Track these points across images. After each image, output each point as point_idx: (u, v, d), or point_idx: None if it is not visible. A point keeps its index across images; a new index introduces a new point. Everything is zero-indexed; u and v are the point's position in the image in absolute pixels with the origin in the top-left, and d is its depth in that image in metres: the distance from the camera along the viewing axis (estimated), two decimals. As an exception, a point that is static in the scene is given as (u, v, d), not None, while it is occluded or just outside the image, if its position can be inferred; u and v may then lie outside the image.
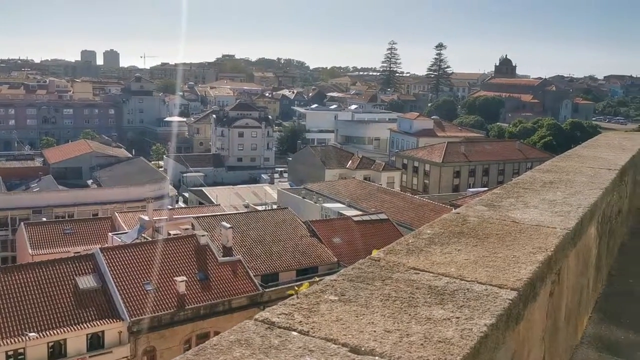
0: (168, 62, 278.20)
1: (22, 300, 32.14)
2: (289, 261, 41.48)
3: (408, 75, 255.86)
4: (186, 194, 79.36)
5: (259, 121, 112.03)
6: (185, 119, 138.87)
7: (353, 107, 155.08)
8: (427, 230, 3.52)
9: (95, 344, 32.70)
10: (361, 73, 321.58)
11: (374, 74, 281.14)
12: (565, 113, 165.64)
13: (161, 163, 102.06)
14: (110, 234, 47.04)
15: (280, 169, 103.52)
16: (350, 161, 79.58)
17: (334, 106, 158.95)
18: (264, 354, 1.98)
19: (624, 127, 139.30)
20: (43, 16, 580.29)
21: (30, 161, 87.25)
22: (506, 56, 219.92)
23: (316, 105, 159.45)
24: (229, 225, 40.30)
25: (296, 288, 2.51)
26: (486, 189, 58.49)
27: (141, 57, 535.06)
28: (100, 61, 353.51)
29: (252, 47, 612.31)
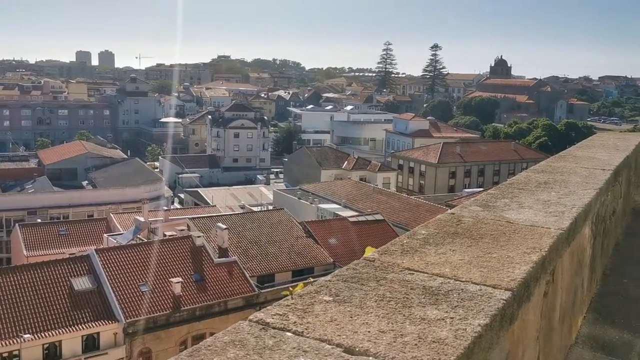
0: (163, 62, 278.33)
1: (17, 302, 32.03)
2: (284, 262, 41.47)
3: (403, 76, 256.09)
4: (182, 195, 79.24)
5: (254, 122, 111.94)
6: (180, 120, 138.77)
7: (349, 107, 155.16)
8: (422, 230, 3.53)
9: (91, 345, 32.64)
10: (357, 74, 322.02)
11: (370, 74, 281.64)
12: (560, 114, 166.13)
13: (157, 164, 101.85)
14: (105, 235, 46.94)
15: (276, 170, 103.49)
16: (346, 162, 79.60)
17: (329, 107, 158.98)
18: (258, 354, 1.98)
19: (619, 127, 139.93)
20: (38, 17, 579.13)
21: (25, 162, 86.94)
22: (501, 57, 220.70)
23: (312, 106, 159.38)
24: (225, 226, 40.27)
25: (290, 289, 2.50)
26: (482, 189, 58.55)
27: (136, 57, 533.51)
28: (95, 62, 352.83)
29: (248, 47, 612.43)
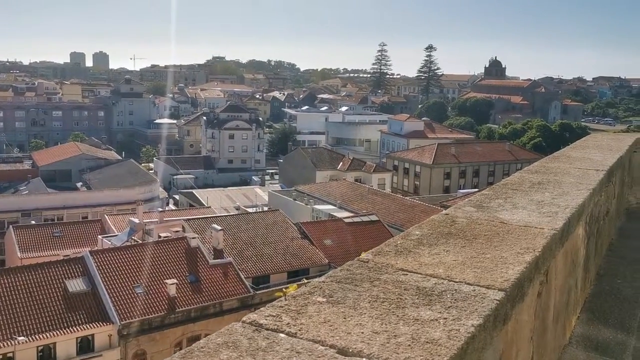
0: (158, 64, 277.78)
1: (11, 304, 31.88)
2: (280, 263, 41.43)
3: (398, 76, 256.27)
4: (177, 196, 79.07)
5: (249, 123, 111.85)
6: (175, 121, 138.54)
7: (344, 108, 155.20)
8: (416, 231, 3.53)
9: (85, 347, 32.51)
10: (352, 75, 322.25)
11: (365, 75, 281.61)
12: (555, 114, 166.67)
13: (151, 165, 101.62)
14: (100, 236, 46.77)
15: (271, 171, 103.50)
16: (341, 163, 79.59)
17: (324, 108, 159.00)
18: (251, 356, 1.97)
19: (613, 128, 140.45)
20: (32, 18, 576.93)
21: (19, 164, 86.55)
22: (496, 58, 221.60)
23: (307, 107, 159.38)
24: (220, 228, 40.18)
25: (284, 290, 2.50)
26: (477, 190, 58.60)
27: (131, 59, 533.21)
28: (89, 63, 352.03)
29: (243, 49, 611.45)
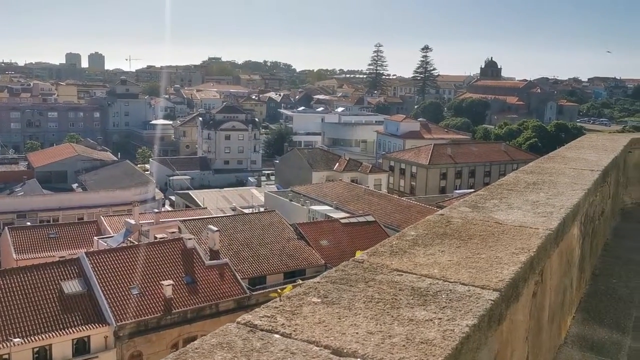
0: (154, 64, 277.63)
1: (6, 306, 31.75)
2: (276, 264, 41.39)
3: (394, 77, 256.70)
4: (173, 197, 78.90)
5: (245, 124, 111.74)
6: (171, 122, 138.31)
7: (340, 109, 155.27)
8: (411, 231, 3.53)
9: (81, 349, 32.40)
10: (348, 75, 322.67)
11: (361, 76, 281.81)
12: (550, 115, 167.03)
13: (147, 166, 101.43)
14: (95, 238, 46.66)
15: (267, 172, 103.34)
16: (337, 163, 79.62)
17: (320, 109, 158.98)
18: (245, 357, 1.97)
19: (608, 128, 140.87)
20: (27, 19, 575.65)
21: (14, 165, 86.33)
22: (491, 58, 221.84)
23: (303, 108, 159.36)
24: (216, 229, 40.13)
25: (279, 291, 2.50)
26: (473, 190, 58.66)
27: (126, 59, 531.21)
28: (85, 64, 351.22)
29: (239, 49, 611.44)
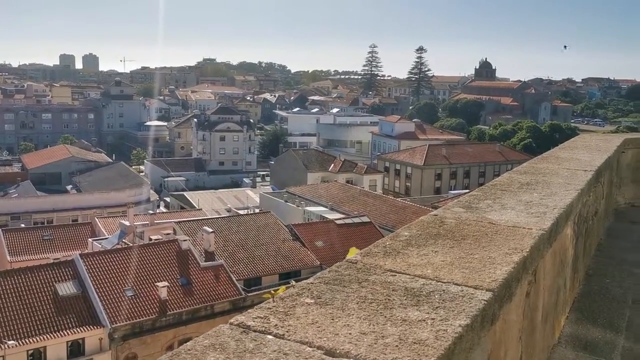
0: (148, 66, 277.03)
1: (0, 308, 31.63)
2: (271, 265, 41.37)
3: (389, 78, 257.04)
4: (167, 199, 78.75)
5: (240, 125, 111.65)
6: (166, 123, 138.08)
7: (335, 110, 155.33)
8: (405, 232, 3.53)
9: (76, 351, 32.29)
10: (342, 76, 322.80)
11: (356, 77, 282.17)
12: (544, 115, 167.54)
13: (142, 168, 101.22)
14: (90, 239, 46.54)
15: (262, 173, 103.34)
16: (332, 164, 79.62)
17: (315, 110, 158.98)
18: (238, 358, 1.97)
19: (602, 129, 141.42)
20: (21, 20, 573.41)
21: (8, 167, 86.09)
22: (486, 59, 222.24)
23: (298, 109, 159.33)
24: (211, 230, 40.08)
25: (272, 292, 2.50)
26: (467, 191, 58.73)
27: (121, 61, 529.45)
28: (79, 65, 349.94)
29: (233, 50, 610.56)
